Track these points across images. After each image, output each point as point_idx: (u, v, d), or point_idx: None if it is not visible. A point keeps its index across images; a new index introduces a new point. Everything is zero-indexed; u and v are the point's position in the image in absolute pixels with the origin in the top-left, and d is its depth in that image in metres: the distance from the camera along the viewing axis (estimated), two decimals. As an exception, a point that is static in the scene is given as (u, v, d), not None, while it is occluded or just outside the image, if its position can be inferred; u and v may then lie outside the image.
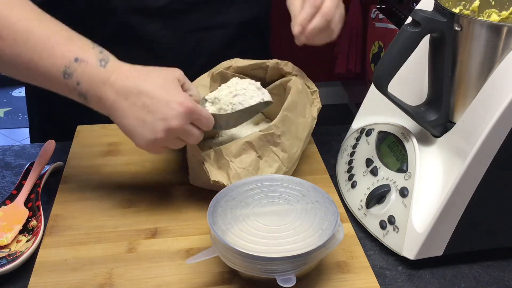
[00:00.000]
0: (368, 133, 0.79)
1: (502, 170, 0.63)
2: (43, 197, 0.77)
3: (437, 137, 0.70)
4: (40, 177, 0.79)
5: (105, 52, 0.66)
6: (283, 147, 0.74)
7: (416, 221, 0.66)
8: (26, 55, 0.64)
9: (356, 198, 0.75)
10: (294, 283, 0.58)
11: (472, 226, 0.66)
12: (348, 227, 0.72)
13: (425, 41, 0.66)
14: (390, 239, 0.69)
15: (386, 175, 0.72)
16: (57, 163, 0.84)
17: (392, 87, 0.67)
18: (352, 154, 0.80)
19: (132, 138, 0.67)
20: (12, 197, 0.75)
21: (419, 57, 0.71)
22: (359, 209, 0.74)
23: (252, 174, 0.72)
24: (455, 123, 0.68)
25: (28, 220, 0.72)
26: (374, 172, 0.74)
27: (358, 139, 0.81)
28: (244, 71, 0.84)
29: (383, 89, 0.67)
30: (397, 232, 0.68)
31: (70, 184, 0.79)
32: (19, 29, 0.63)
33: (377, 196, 0.71)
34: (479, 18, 0.73)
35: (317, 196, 0.66)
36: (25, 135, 2.80)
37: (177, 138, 0.67)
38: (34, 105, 1.05)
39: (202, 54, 0.96)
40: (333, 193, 0.78)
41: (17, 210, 0.73)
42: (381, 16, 2.24)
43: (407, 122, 0.74)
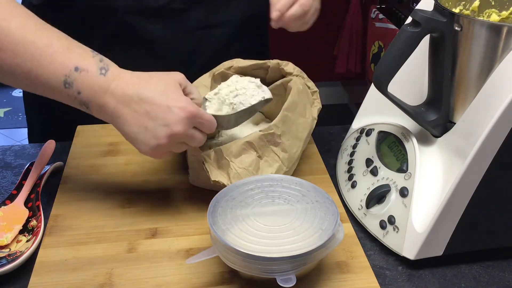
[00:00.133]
0: (368, 133, 0.79)
1: (502, 170, 0.63)
2: (43, 197, 0.77)
3: (437, 137, 0.70)
4: (40, 177, 0.79)
5: (105, 60, 0.66)
6: (283, 147, 0.74)
7: (416, 221, 0.66)
8: (26, 65, 0.63)
9: (356, 198, 0.75)
10: (294, 283, 0.58)
11: (472, 226, 0.66)
12: (348, 227, 0.72)
13: (425, 41, 0.66)
14: (390, 239, 0.69)
15: (386, 175, 0.72)
16: (57, 163, 0.84)
17: (392, 87, 0.67)
18: (352, 154, 0.80)
19: (135, 145, 0.67)
20: (12, 197, 0.75)
21: (419, 57, 0.71)
22: (359, 209, 0.74)
23: (252, 174, 0.72)
24: (455, 123, 0.68)
25: (28, 220, 0.72)
26: (374, 172, 0.74)
27: (358, 139, 0.81)
28: (245, 71, 0.84)
29: (383, 89, 0.67)
30: (397, 232, 0.68)
31: (70, 184, 0.79)
32: (18, 39, 0.63)
33: (377, 196, 0.71)
34: (479, 18, 0.73)
35: (317, 196, 0.66)
36: (25, 135, 2.77)
37: (180, 142, 0.67)
38: (34, 105, 1.05)
39: (202, 54, 0.96)
40: (333, 193, 0.78)
41: (17, 210, 0.73)
42: (381, 16, 2.24)
43: (407, 122, 0.74)
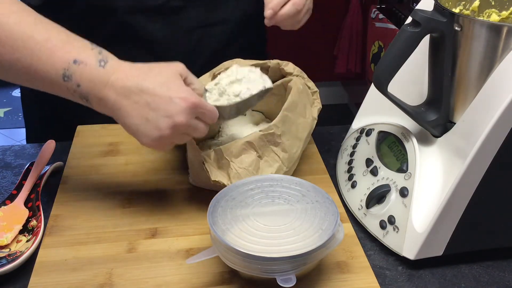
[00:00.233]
0: (368, 133, 0.79)
1: (502, 170, 0.63)
2: (43, 197, 0.77)
3: (437, 137, 0.70)
4: (40, 177, 0.79)
5: (104, 52, 0.66)
6: (283, 147, 0.74)
7: (416, 221, 0.66)
8: (25, 60, 0.63)
9: (356, 198, 0.75)
10: (294, 283, 0.58)
11: (472, 226, 0.66)
12: (348, 227, 0.72)
13: (425, 41, 0.66)
14: (390, 239, 0.69)
15: (386, 175, 0.72)
16: (57, 163, 0.84)
17: (392, 87, 0.67)
18: (352, 154, 0.80)
19: (137, 137, 0.66)
20: (12, 197, 0.75)
21: (419, 57, 0.71)
22: (359, 209, 0.74)
23: (252, 174, 0.72)
24: (455, 123, 0.68)
25: (28, 220, 0.72)
26: (374, 172, 0.74)
27: (358, 139, 0.81)
28: (245, 71, 0.84)
29: (383, 89, 0.67)
30: (397, 232, 0.68)
31: (70, 184, 0.79)
32: (17, 34, 0.63)
33: (377, 196, 0.71)
34: (479, 18, 0.73)
35: (317, 196, 0.66)
36: (25, 135, 2.80)
37: (183, 133, 0.66)
38: (33, 105, 1.05)
39: (202, 54, 0.96)
40: (333, 193, 0.78)
41: (17, 210, 0.73)
42: (381, 16, 2.24)
43: (407, 122, 0.74)
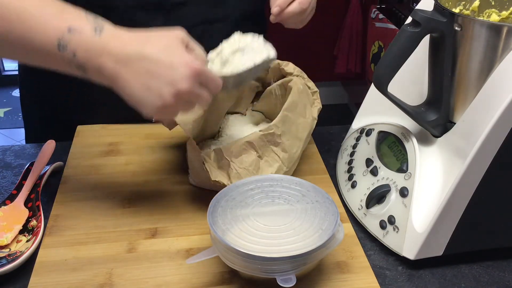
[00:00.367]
0: (368, 133, 0.79)
1: (502, 170, 0.63)
2: (43, 197, 0.77)
3: (437, 137, 0.70)
4: (40, 177, 0.79)
5: (99, 20, 0.63)
6: (283, 147, 0.74)
7: (416, 221, 0.66)
8: (20, 31, 0.61)
9: (356, 198, 0.75)
10: (294, 283, 0.58)
11: (472, 226, 0.66)
12: (348, 227, 0.72)
13: (425, 41, 0.66)
14: (390, 239, 0.69)
15: (386, 175, 0.72)
16: (57, 163, 0.84)
17: (392, 87, 0.67)
18: (352, 154, 0.80)
19: (140, 107, 0.63)
20: (12, 197, 0.75)
21: (419, 57, 0.71)
22: (359, 209, 0.74)
23: (252, 174, 0.72)
24: (455, 123, 0.68)
25: (28, 220, 0.72)
26: (374, 172, 0.74)
27: (358, 139, 0.81)
28: (244, 71, 0.84)
29: (383, 89, 0.67)
30: (397, 232, 0.68)
31: (70, 184, 0.79)
32: (11, 5, 0.61)
33: (377, 196, 0.71)
34: (479, 18, 0.73)
35: (317, 196, 0.66)
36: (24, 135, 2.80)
37: (186, 103, 0.64)
38: (33, 105, 1.05)
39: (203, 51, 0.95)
40: (333, 193, 0.78)
41: (17, 210, 0.73)
42: (381, 16, 2.24)
43: (407, 122, 0.74)
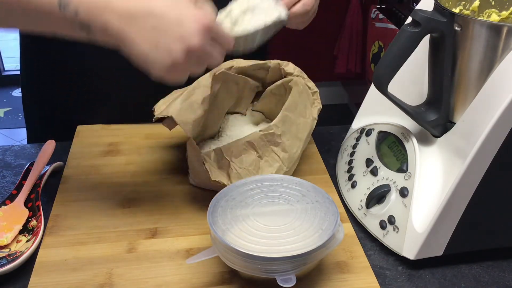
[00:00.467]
0: (368, 133, 0.79)
1: (502, 170, 0.63)
2: (43, 197, 0.77)
3: (437, 137, 0.70)
4: (40, 177, 0.79)
5: None
6: (283, 147, 0.74)
7: (416, 221, 0.66)
8: None
9: (356, 198, 0.75)
10: (294, 283, 0.58)
11: (472, 226, 0.66)
12: (348, 227, 0.72)
13: (425, 41, 0.66)
14: (390, 239, 0.69)
15: (386, 175, 0.72)
16: (57, 163, 0.84)
17: (392, 87, 0.67)
18: (352, 154, 0.80)
19: (148, 67, 0.60)
20: (12, 197, 0.75)
21: (419, 57, 0.71)
22: (359, 209, 0.74)
23: (252, 174, 0.72)
24: (455, 123, 0.68)
25: (28, 220, 0.72)
26: (374, 172, 0.74)
27: (358, 139, 0.81)
28: (245, 71, 0.84)
29: (383, 89, 0.67)
30: (397, 232, 0.68)
31: (70, 184, 0.79)
32: None
33: (377, 196, 0.71)
34: (479, 18, 0.73)
35: (317, 196, 0.66)
36: (25, 135, 2.79)
37: (197, 61, 0.61)
38: (33, 105, 1.05)
39: None
40: (333, 193, 0.78)
41: (17, 210, 0.73)
42: (381, 16, 2.24)
43: (407, 122, 0.74)
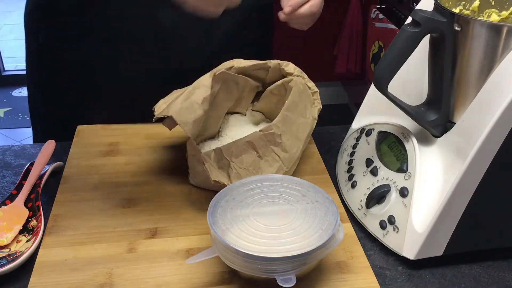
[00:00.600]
0: (368, 133, 0.79)
1: (502, 170, 0.63)
2: (43, 197, 0.77)
3: (437, 137, 0.70)
4: (40, 177, 0.79)
5: None
6: (283, 147, 0.74)
7: (416, 221, 0.66)
8: None
9: (356, 198, 0.75)
10: (294, 283, 0.58)
11: (472, 226, 0.66)
12: (348, 227, 0.72)
13: (425, 41, 0.66)
14: (390, 239, 0.69)
15: (386, 175, 0.72)
16: (57, 163, 0.84)
17: (392, 87, 0.67)
18: (352, 154, 0.80)
19: None
20: (12, 197, 0.75)
21: (419, 57, 0.71)
22: (359, 209, 0.74)
23: (252, 174, 0.72)
24: (455, 123, 0.68)
25: (28, 220, 0.72)
26: (374, 172, 0.74)
27: (358, 139, 0.81)
28: (245, 72, 0.84)
29: (383, 89, 0.67)
30: (397, 232, 0.68)
31: (70, 184, 0.79)
32: None
33: (377, 196, 0.71)
34: (479, 18, 0.73)
35: (317, 196, 0.66)
36: (25, 135, 2.80)
37: None
38: (37, 105, 1.05)
39: (208, 44, 0.95)
40: (333, 193, 0.78)
41: (17, 210, 0.73)
42: (381, 16, 2.24)
43: (407, 122, 0.74)
